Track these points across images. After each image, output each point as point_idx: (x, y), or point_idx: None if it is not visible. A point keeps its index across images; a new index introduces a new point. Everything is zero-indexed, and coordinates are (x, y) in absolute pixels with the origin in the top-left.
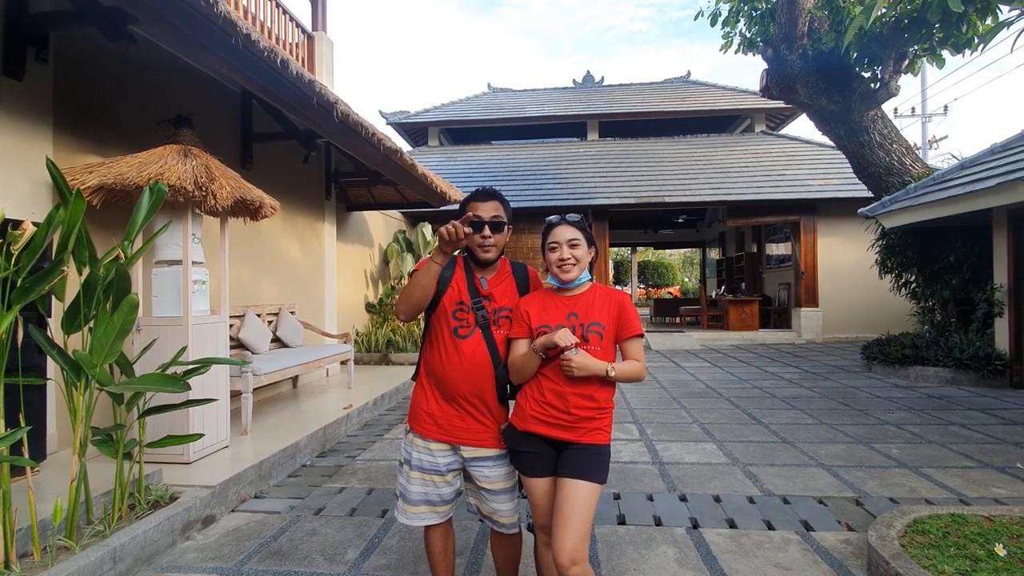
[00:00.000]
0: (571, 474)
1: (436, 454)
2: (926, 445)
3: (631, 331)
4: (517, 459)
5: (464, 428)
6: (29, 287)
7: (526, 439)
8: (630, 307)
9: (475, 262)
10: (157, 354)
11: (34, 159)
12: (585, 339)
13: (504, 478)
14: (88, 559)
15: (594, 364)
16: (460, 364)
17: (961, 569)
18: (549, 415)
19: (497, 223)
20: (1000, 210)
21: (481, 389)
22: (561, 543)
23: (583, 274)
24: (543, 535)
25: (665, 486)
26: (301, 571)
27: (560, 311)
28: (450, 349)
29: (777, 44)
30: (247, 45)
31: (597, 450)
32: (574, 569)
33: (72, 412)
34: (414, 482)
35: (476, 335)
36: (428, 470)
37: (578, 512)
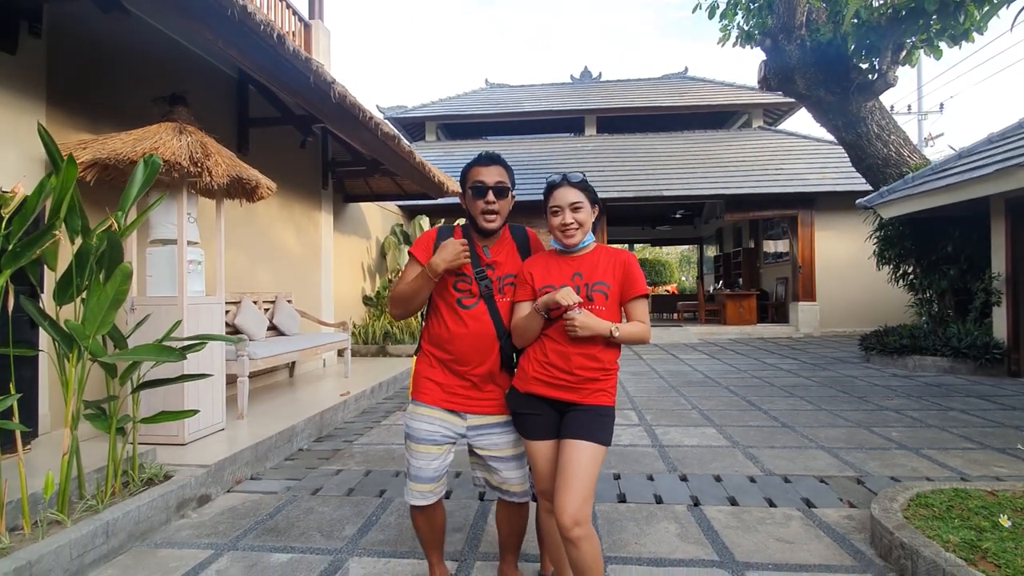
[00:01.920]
0: (574, 435)
1: (436, 422)
2: (926, 429)
3: (636, 291)
4: (519, 421)
5: (469, 396)
6: (20, 252)
7: (528, 401)
8: (635, 267)
9: (477, 231)
10: (151, 333)
11: (26, 134)
12: (589, 299)
13: (512, 445)
14: (80, 532)
15: (598, 323)
16: (465, 334)
17: (966, 539)
18: (552, 376)
19: (501, 188)
20: (998, 199)
21: (487, 358)
22: (563, 504)
23: (588, 236)
24: (545, 501)
25: (665, 467)
26: (298, 546)
27: (564, 272)
28: (455, 319)
29: (775, 34)
30: (243, 18)
31: (601, 411)
32: (576, 530)
33: (64, 384)
34: (417, 455)
35: (480, 305)
36: (428, 440)
37: (581, 473)
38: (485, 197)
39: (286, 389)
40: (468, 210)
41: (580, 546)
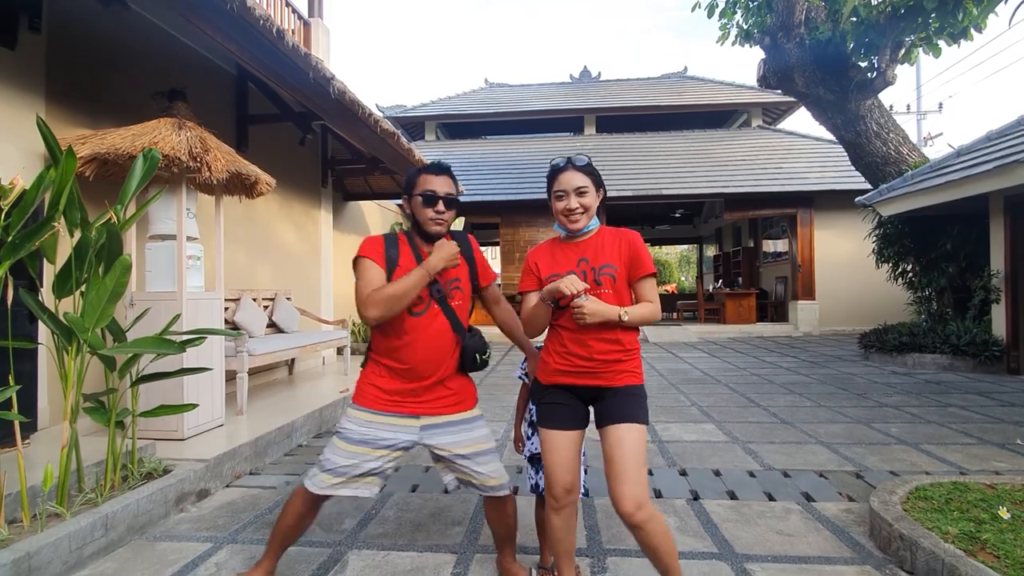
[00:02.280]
0: (613, 420)
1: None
2: (925, 424)
3: (643, 270)
4: (542, 412)
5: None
6: (19, 243)
7: (552, 392)
8: (642, 246)
9: (423, 237)
10: (150, 328)
11: (26, 129)
12: (597, 283)
13: (476, 441)
14: (78, 525)
15: (606, 309)
16: (420, 341)
17: (966, 530)
18: (574, 365)
19: (451, 199)
20: (997, 196)
21: (442, 363)
22: (622, 492)
23: (593, 221)
24: (551, 499)
25: (665, 462)
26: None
27: (570, 258)
28: (407, 328)
29: (774, 32)
30: (242, 12)
31: (632, 391)
32: (640, 514)
33: (63, 378)
34: (342, 454)
35: (433, 309)
36: (362, 443)
37: (631, 457)
38: (435, 206)
39: (285, 386)
40: (414, 215)
41: (646, 528)
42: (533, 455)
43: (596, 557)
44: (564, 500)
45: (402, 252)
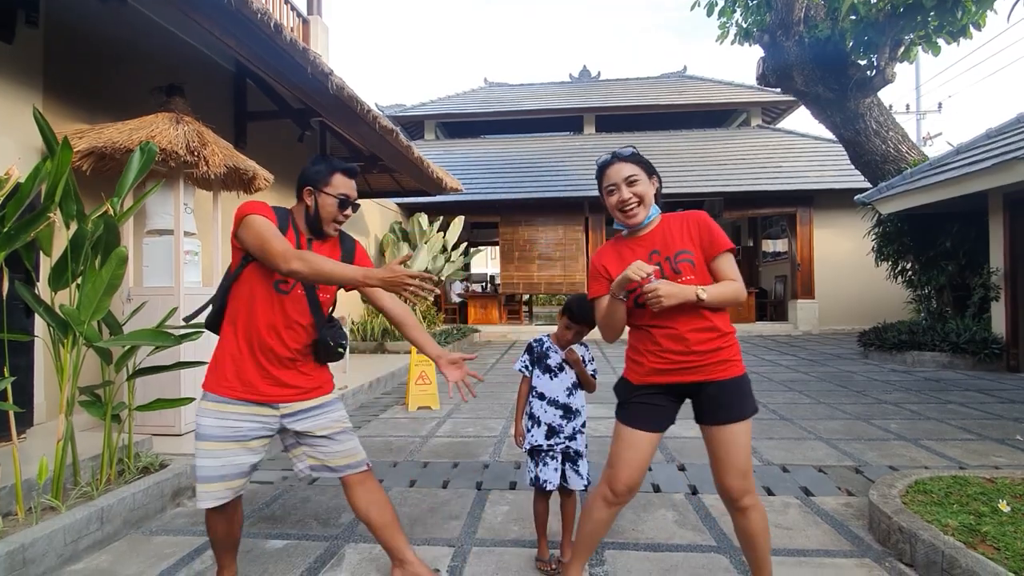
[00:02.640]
0: (721, 420)
1: (244, 418)
2: (925, 421)
3: (719, 247)
4: (627, 411)
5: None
6: (14, 234)
7: (643, 391)
8: (713, 224)
9: (315, 232)
10: (147, 322)
11: (22, 123)
12: (676, 271)
13: (341, 420)
14: (73, 518)
15: (680, 289)
16: (284, 318)
17: (965, 523)
18: (672, 362)
19: (356, 205)
20: (996, 194)
21: (299, 344)
22: (731, 482)
23: (653, 210)
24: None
25: (663, 457)
26: (294, 533)
27: (639, 253)
28: (273, 302)
29: (774, 31)
30: (240, 6)
31: (737, 384)
32: (746, 499)
33: (59, 371)
34: (207, 454)
35: (297, 291)
36: (224, 438)
37: (740, 453)
38: (345, 211)
39: None
40: (317, 208)
41: (749, 515)
42: (533, 448)
43: (595, 550)
44: (623, 497)
45: (288, 232)
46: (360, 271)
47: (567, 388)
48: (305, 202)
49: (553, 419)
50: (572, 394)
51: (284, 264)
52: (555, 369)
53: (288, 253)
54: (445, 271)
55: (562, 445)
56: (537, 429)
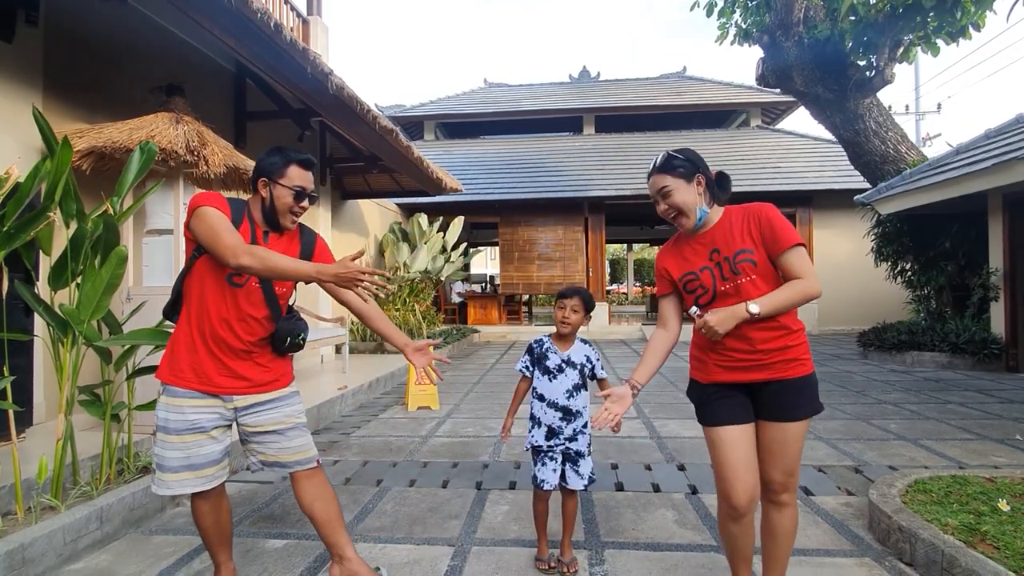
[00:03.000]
0: (779, 418)
1: (201, 410)
2: (924, 421)
3: (783, 243)
4: (704, 412)
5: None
6: (14, 233)
7: (712, 389)
8: (776, 217)
9: (271, 223)
10: (146, 322)
11: (22, 122)
12: (735, 272)
13: (295, 415)
14: (73, 517)
15: (730, 313)
16: (236, 311)
17: (965, 522)
18: (735, 361)
19: (314, 197)
20: (995, 194)
21: (254, 337)
22: (770, 475)
23: (700, 211)
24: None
25: (663, 457)
26: (294, 532)
27: (699, 252)
28: (225, 295)
29: (773, 31)
30: (240, 6)
31: (802, 383)
32: (785, 495)
33: (59, 370)
34: (170, 447)
35: (252, 283)
36: (185, 430)
37: (789, 452)
38: (302, 203)
39: None
40: (273, 201)
41: (784, 512)
42: (535, 447)
43: (594, 550)
44: (747, 510)
45: (243, 222)
46: (312, 267)
47: (567, 390)
48: (260, 194)
49: (553, 420)
50: (573, 396)
51: (233, 259)
52: (554, 371)
53: (238, 248)
54: (445, 271)
55: (562, 447)
56: (537, 430)
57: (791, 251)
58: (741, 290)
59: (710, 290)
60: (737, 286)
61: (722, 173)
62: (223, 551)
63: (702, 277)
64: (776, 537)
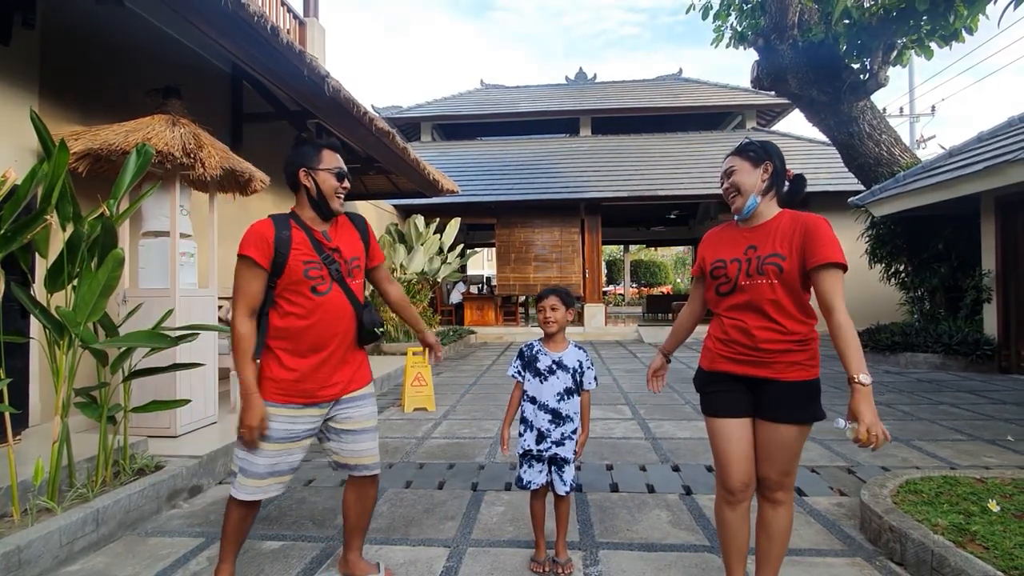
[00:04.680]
0: (773, 418)
1: (299, 421)
2: (917, 421)
3: (819, 257)
4: (706, 401)
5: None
6: (11, 235)
7: (715, 379)
8: (821, 230)
9: (325, 214)
10: (143, 324)
11: (19, 125)
12: (760, 272)
13: (372, 416)
14: (69, 519)
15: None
16: (326, 318)
17: (955, 523)
18: (736, 352)
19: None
20: (988, 197)
21: (344, 339)
22: (767, 473)
23: (753, 198)
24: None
25: (658, 458)
26: (290, 534)
27: (738, 243)
28: (311, 307)
29: (768, 34)
30: (236, 9)
31: (799, 388)
32: (780, 494)
33: (55, 372)
34: (264, 455)
35: (335, 288)
36: (282, 439)
37: (785, 454)
38: (343, 183)
39: None
40: (320, 192)
41: (779, 510)
42: (526, 452)
43: (588, 550)
44: (741, 495)
45: (294, 233)
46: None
47: (558, 393)
48: (304, 185)
49: (542, 424)
50: (564, 399)
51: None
52: (545, 372)
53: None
54: (441, 273)
55: (550, 451)
56: (529, 434)
57: (829, 269)
58: (756, 290)
59: (732, 281)
60: (755, 285)
61: (799, 175)
62: (234, 549)
63: (729, 268)
64: (770, 535)
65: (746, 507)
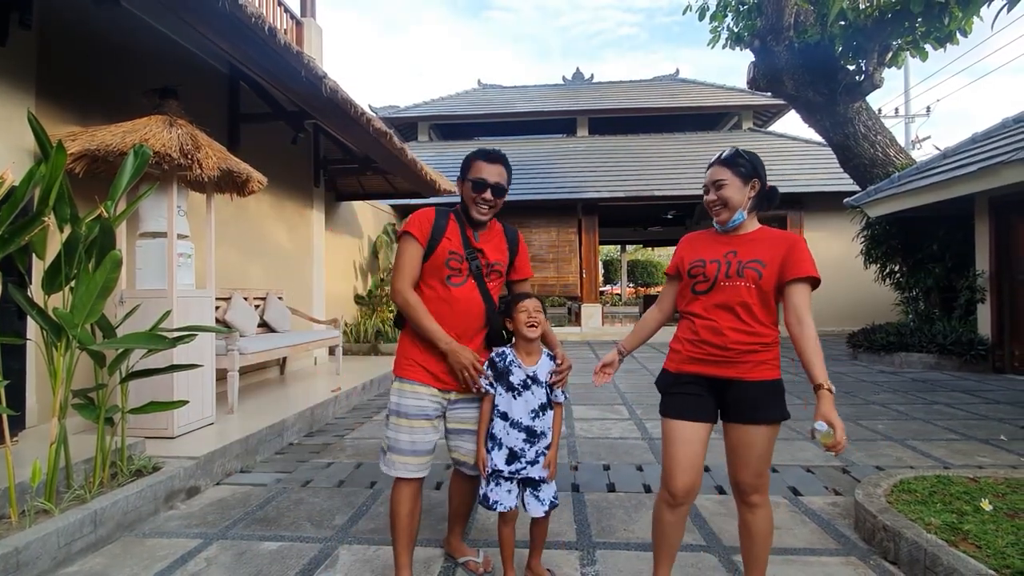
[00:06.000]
0: (742, 419)
1: (424, 397)
2: (911, 421)
3: (796, 271)
4: (667, 402)
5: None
6: (8, 238)
7: (680, 381)
8: (804, 249)
9: (469, 220)
10: (140, 325)
11: (15, 126)
12: (740, 274)
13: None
14: (67, 521)
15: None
16: (454, 310)
17: (948, 522)
18: (706, 353)
19: (499, 188)
20: (982, 198)
21: (474, 334)
22: (742, 476)
23: (737, 214)
24: (666, 494)
25: (654, 458)
26: (288, 535)
27: (717, 249)
28: (443, 296)
29: (764, 36)
30: (234, 10)
31: (767, 387)
32: (755, 496)
33: (52, 374)
34: (402, 430)
35: (469, 283)
36: (414, 415)
37: (756, 455)
38: (483, 193)
39: (276, 385)
40: (463, 197)
41: (757, 512)
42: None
43: (586, 550)
44: (683, 499)
45: (450, 226)
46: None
47: (533, 410)
48: None
49: (515, 443)
50: (539, 416)
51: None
52: (519, 387)
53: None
54: None
55: (524, 472)
56: (497, 452)
57: (803, 283)
58: (734, 291)
59: (710, 280)
60: (734, 286)
61: (774, 187)
62: (407, 551)
63: (708, 268)
64: (753, 538)
65: (686, 511)
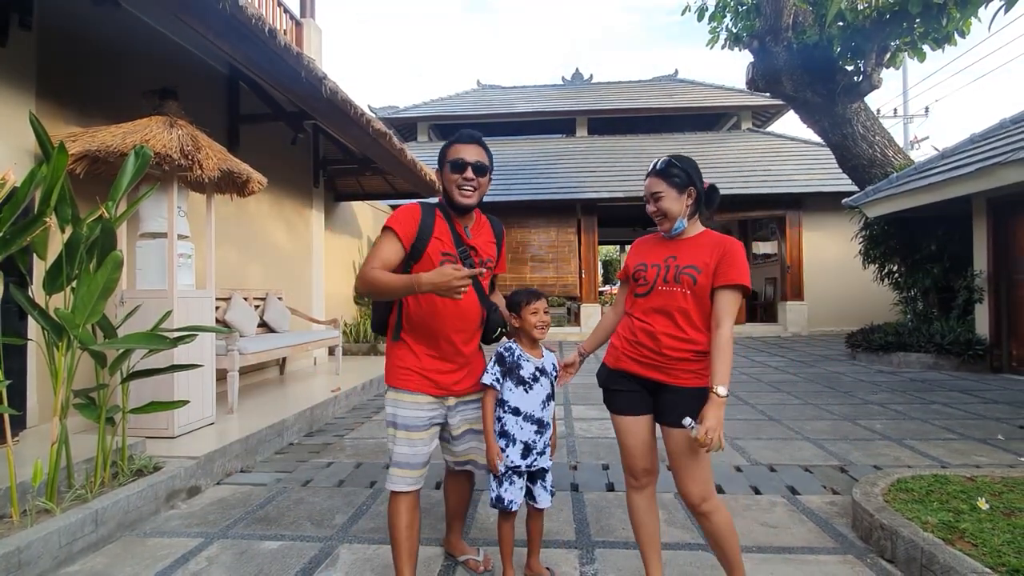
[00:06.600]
0: (674, 423)
1: (424, 407)
2: (909, 421)
3: (725, 278)
4: (608, 397)
5: (454, 379)
6: (10, 238)
7: (618, 378)
8: (735, 254)
9: (453, 208)
10: (141, 325)
11: (15, 126)
12: (677, 280)
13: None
14: (68, 520)
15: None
16: (452, 312)
17: (945, 520)
18: (641, 355)
19: (480, 166)
20: (980, 198)
21: (473, 335)
22: (687, 487)
23: (678, 223)
24: (631, 478)
25: None
26: (288, 534)
27: (659, 254)
28: (440, 298)
29: (763, 37)
30: (234, 11)
31: (693, 394)
32: (704, 505)
33: (54, 374)
34: (400, 442)
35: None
36: (413, 427)
37: (690, 461)
38: (463, 172)
39: (276, 385)
40: (444, 186)
41: (712, 518)
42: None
43: (585, 549)
44: (645, 479)
45: (437, 222)
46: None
47: (542, 401)
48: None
49: (528, 436)
50: (546, 406)
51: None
52: (529, 380)
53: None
54: None
55: (536, 463)
56: (512, 448)
57: (731, 290)
58: (670, 296)
59: (649, 284)
60: (670, 291)
61: (713, 187)
62: (410, 566)
63: (649, 272)
64: (718, 542)
65: (651, 491)
